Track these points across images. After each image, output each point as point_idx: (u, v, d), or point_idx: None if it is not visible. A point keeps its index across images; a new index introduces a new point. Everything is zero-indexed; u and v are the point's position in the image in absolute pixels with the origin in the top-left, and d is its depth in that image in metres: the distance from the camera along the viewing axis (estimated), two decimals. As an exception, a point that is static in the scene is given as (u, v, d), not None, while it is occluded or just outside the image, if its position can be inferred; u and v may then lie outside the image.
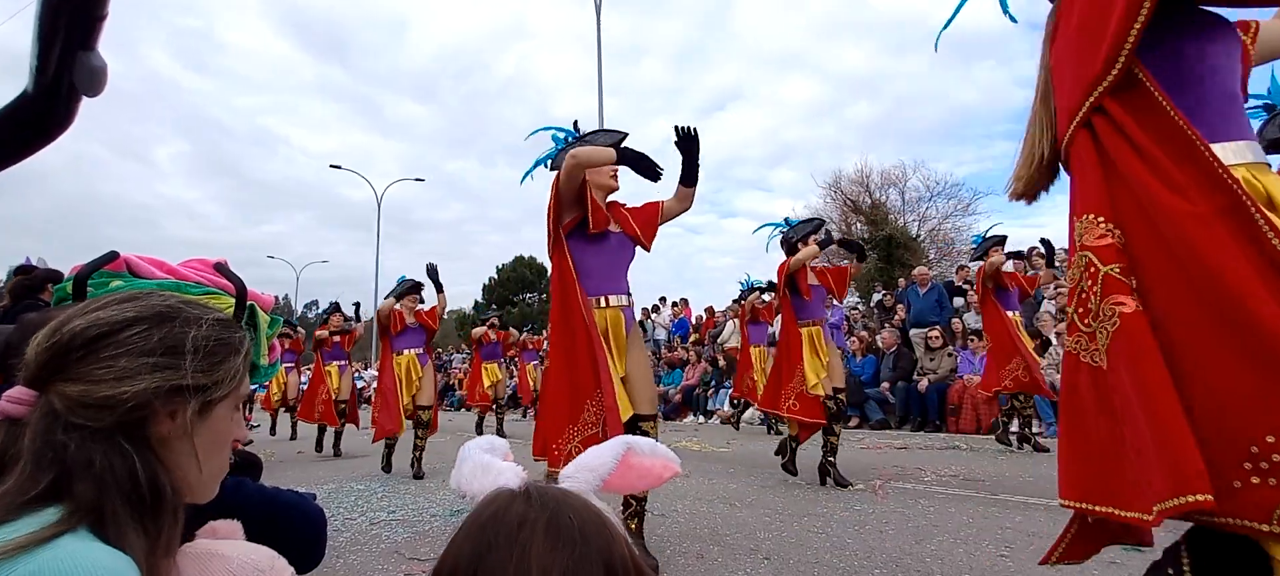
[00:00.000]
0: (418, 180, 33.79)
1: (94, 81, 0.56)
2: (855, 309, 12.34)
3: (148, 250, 1.32)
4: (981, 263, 5.75)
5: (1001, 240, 5.70)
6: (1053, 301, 7.97)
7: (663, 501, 3.74)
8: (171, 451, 0.69)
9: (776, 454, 4.72)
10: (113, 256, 1.24)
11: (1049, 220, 22.61)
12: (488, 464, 0.69)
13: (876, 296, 11.74)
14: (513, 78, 70.10)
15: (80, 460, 0.61)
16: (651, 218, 2.75)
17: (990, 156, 39.03)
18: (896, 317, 9.14)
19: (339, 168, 26.36)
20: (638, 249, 2.75)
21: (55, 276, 3.11)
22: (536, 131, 3.00)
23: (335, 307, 7.87)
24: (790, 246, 4.43)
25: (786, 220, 4.66)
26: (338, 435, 7.37)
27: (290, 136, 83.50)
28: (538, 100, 67.64)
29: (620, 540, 0.58)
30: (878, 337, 8.69)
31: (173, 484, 0.67)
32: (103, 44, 0.56)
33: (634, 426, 2.50)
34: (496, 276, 33.67)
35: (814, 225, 4.60)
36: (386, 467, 5.49)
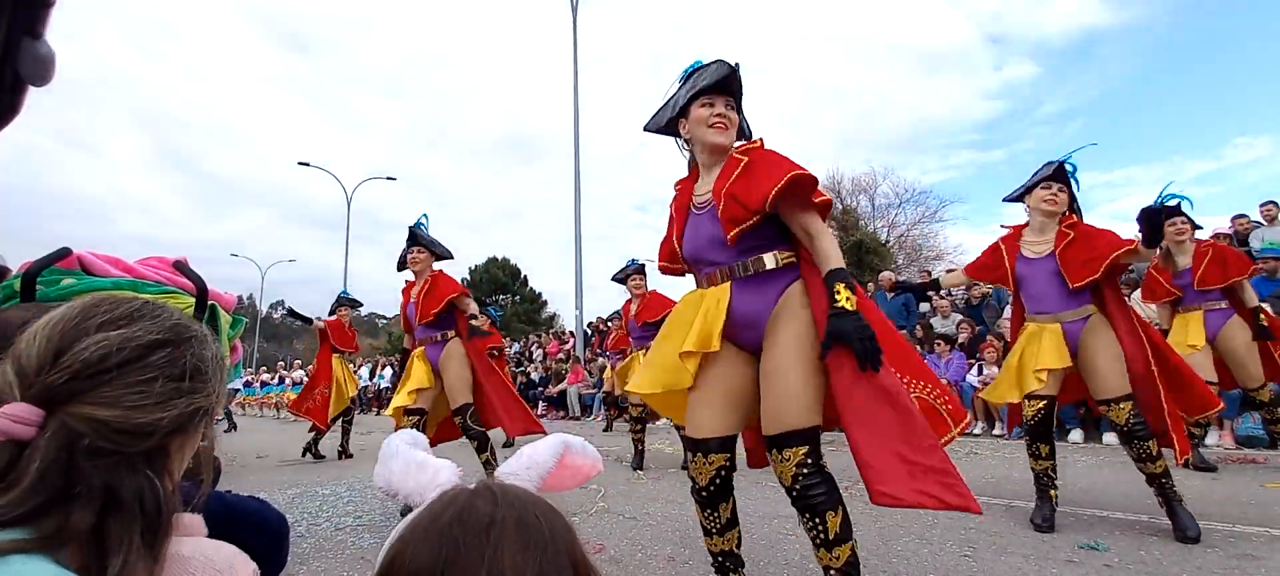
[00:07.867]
0: (389, 178, 33.02)
1: (42, 71, 0.54)
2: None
3: (101, 247, 1.27)
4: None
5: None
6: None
7: (635, 504, 3.74)
8: (169, 470, 0.69)
9: None
10: (65, 253, 1.18)
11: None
12: (422, 460, 0.67)
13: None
14: (482, 78, 69.35)
15: (97, 486, 0.58)
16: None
17: (954, 166, 40.16)
18: (866, 322, 9.27)
19: (308, 165, 25.84)
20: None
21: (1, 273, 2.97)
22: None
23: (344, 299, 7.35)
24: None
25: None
26: (315, 439, 6.87)
27: (253, 131, 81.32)
28: (507, 101, 67.03)
29: (577, 538, 0.58)
30: (848, 341, 8.79)
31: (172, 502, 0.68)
32: (50, 32, 0.54)
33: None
34: (470, 277, 33.27)
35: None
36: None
